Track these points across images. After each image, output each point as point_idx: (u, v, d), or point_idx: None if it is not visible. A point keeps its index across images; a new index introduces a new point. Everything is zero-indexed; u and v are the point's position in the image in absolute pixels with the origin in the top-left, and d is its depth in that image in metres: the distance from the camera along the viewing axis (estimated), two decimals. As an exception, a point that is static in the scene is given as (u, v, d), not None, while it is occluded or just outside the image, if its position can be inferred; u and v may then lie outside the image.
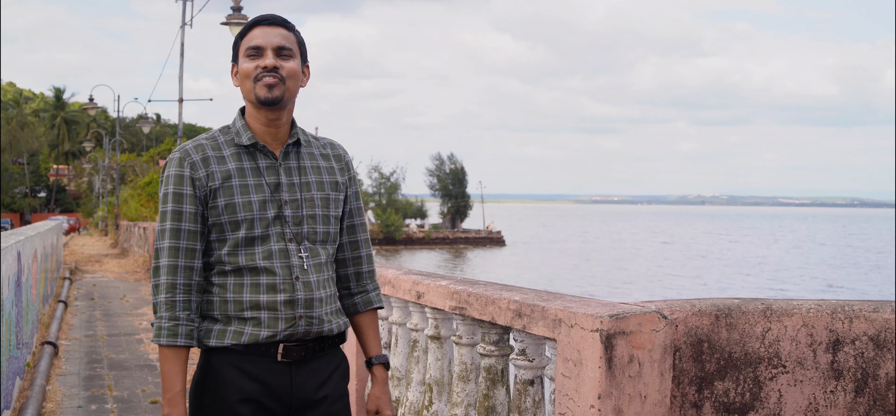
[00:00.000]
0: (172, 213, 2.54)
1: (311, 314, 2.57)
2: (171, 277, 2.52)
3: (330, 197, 2.68)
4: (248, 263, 2.54)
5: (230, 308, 2.55)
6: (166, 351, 2.52)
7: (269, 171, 2.60)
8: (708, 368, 3.25)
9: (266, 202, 2.56)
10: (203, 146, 2.60)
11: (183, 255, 2.53)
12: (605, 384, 2.96)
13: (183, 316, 2.52)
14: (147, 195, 35.68)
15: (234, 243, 2.54)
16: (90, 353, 10.28)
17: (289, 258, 2.56)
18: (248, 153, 2.60)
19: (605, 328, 2.95)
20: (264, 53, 2.56)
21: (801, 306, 3.35)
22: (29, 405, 6.84)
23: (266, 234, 2.55)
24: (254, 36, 2.58)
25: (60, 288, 17.48)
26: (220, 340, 2.55)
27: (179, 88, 22.13)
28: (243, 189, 2.55)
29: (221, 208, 2.54)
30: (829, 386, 3.34)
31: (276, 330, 2.54)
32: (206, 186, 2.55)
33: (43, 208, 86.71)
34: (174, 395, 2.51)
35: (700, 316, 3.23)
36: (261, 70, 2.54)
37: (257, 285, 2.54)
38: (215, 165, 2.56)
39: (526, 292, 3.65)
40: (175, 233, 2.53)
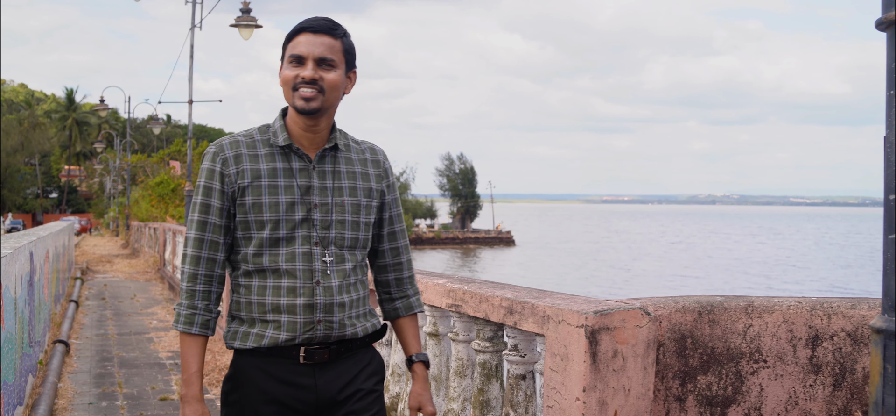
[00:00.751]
0: (201, 205, 2.59)
1: (331, 319, 2.58)
2: (193, 267, 2.59)
3: (361, 204, 2.67)
4: (271, 264, 2.56)
5: (254, 310, 2.58)
6: (184, 337, 2.61)
7: (301, 173, 2.60)
8: (691, 362, 3.38)
9: (294, 204, 2.57)
10: (238, 143, 2.61)
11: (206, 247, 2.58)
12: (589, 378, 3.09)
13: (200, 306, 2.59)
14: (157, 196, 35.90)
15: (259, 242, 2.56)
16: (101, 351, 10.45)
17: (311, 262, 2.57)
18: (282, 154, 2.60)
19: (589, 324, 3.09)
20: (305, 63, 2.55)
21: (782, 302, 3.47)
22: (41, 401, 7.01)
23: (292, 236, 2.56)
24: (298, 43, 2.57)
25: (72, 288, 17.68)
26: (244, 342, 2.59)
27: (189, 90, 22.31)
28: (272, 190, 2.56)
29: (249, 206, 2.56)
30: (809, 380, 3.47)
31: (295, 333, 2.56)
32: (235, 183, 2.57)
33: (55, 209, 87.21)
34: (190, 375, 2.59)
35: (683, 313, 3.36)
36: (300, 80, 2.54)
37: (278, 287, 2.56)
38: (247, 163, 2.58)
39: (518, 289, 3.79)
40: (201, 225, 2.58)
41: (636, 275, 52.10)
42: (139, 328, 12.55)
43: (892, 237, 2.68)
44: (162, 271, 21.21)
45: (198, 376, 2.59)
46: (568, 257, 69.32)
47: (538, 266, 60.74)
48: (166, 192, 35.64)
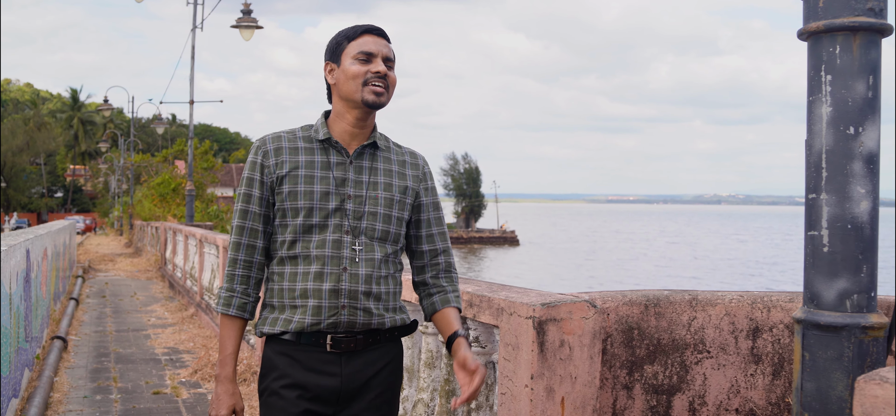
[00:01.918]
0: (243, 195, 2.73)
1: (356, 305, 2.65)
2: (233, 252, 2.74)
3: (395, 199, 2.76)
4: (304, 251, 2.67)
5: (285, 296, 2.69)
6: (222, 318, 2.77)
7: (338, 167, 2.71)
8: (638, 353, 3.58)
9: (329, 194, 2.68)
10: (280, 137, 2.75)
11: (247, 234, 2.73)
12: (537, 366, 3.29)
13: (238, 289, 2.73)
14: (159, 195, 36.14)
15: (294, 229, 2.67)
16: (98, 347, 10.67)
17: (340, 249, 2.66)
18: (322, 148, 2.73)
19: (537, 316, 3.29)
20: (376, 60, 2.69)
21: (725, 296, 3.67)
22: (36, 394, 7.23)
23: (324, 224, 2.67)
24: (366, 42, 2.71)
25: (73, 286, 17.92)
26: (272, 327, 2.70)
27: (190, 90, 22.54)
28: (308, 179, 2.68)
29: (286, 194, 2.68)
30: (750, 370, 3.66)
31: (320, 318, 2.64)
32: (274, 173, 2.70)
33: (60, 208, 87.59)
34: (226, 356, 2.73)
35: (630, 306, 3.56)
36: (372, 75, 2.67)
37: (307, 273, 2.66)
38: (287, 155, 2.71)
39: (479, 284, 3.99)
40: (243, 214, 2.73)
41: (630, 274, 52.31)
42: (137, 325, 12.77)
43: (812, 234, 2.88)
44: (163, 269, 21.44)
45: (232, 357, 2.73)
46: (567, 257, 69.52)
47: (538, 265, 60.96)
48: (167, 191, 35.87)
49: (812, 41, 2.87)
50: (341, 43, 2.73)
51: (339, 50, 2.73)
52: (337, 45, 2.74)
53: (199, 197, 35.08)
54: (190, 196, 22.73)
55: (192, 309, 13.81)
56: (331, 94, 2.80)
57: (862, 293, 2.79)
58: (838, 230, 2.80)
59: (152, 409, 7.41)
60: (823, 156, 2.83)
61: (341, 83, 2.71)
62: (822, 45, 2.82)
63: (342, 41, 2.73)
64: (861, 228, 2.80)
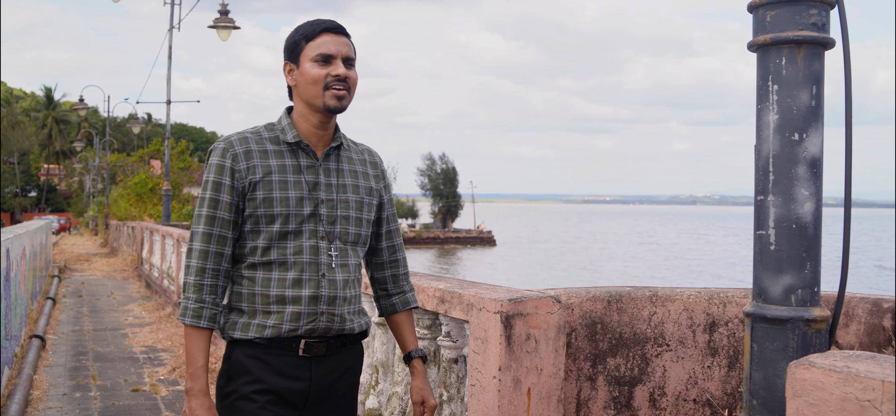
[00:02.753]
0: (210, 200, 2.62)
1: (333, 311, 2.65)
2: (201, 261, 2.61)
3: (364, 201, 2.76)
4: (280, 257, 2.61)
5: (257, 301, 2.63)
6: (190, 330, 2.62)
7: (308, 170, 2.66)
8: (601, 346, 3.77)
9: (303, 199, 2.63)
10: (247, 139, 2.66)
11: (215, 241, 2.61)
12: (505, 358, 3.47)
13: (208, 300, 2.61)
14: (136, 195, 36.08)
15: (269, 236, 2.61)
16: (76, 346, 10.76)
17: (318, 255, 2.63)
18: (290, 151, 2.67)
19: (504, 311, 3.47)
20: (335, 62, 2.62)
21: (683, 292, 3.87)
22: (17, 391, 7.33)
23: (299, 230, 2.62)
24: (324, 43, 2.62)
25: (49, 285, 17.93)
26: (244, 332, 2.63)
27: (167, 90, 22.59)
28: (282, 185, 2.62)
29: (259, 200, 2.60)
30: (707, 362, 3.87)
31: (298, 324, 2.62)
32: (246, 178, 2.61)
33: (34, 208, 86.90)
34: (196, 369, 2.61)
35: (594, 301, 3.75)
36: (332, 79, 2.60)
37: (284, 279, 2.61)
38: (257, 159, 2.63)
39: (451, 281, 4.16)
40: (210, 220, 2.61)
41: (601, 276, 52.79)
42: (115, 325, 12.84)
43: (760, 234, 3.08)
44: (139, 269, 21.46)
45: (204, 370, 2.63)
46: (540, 257, 69.97)
47: (513, 265, 61.29)
48: (144, 191, 35.81)
49: (760, 53, 3.07)
50: (299, 43, 2.66)
51: (298, 50, 2.66)
52: (295, 45, 2.67)
53: (176, 197, 35.05)
54: (166, 196, 22.77)
55: (169, 309, 13.90)
56: (291, 92, 2.75)
57: (806, 288, 2.99)
58: (784, 230, 3.00)
59: (132, 406, 7.53)
60: (770, 160, 3.03)
61: (302, 86, 2.65)
62: (770, 56, 3.02)
63: (300, 41, 2.66)
64: (805, 227, 3.00)
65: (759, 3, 3.05)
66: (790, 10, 2.98)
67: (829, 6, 3.03)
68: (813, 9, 2.98)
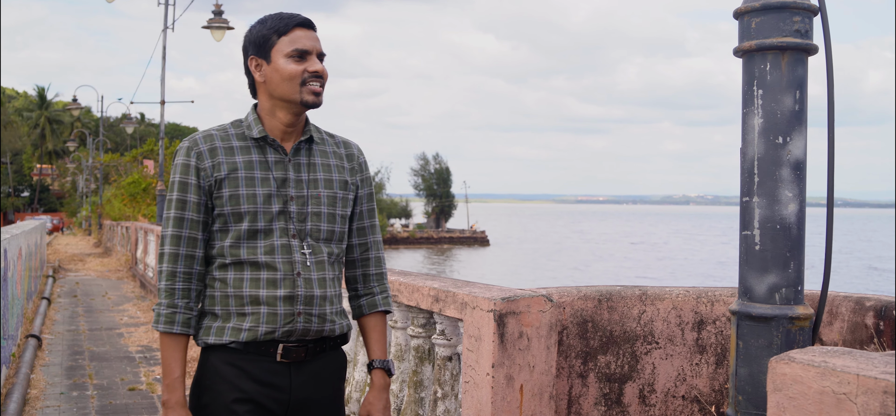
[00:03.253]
0: (177, 202, 2.53)
1: (311, 311, 2.55)
2: (171, 265, 2.52)
3: (337, 196, 2.65)
4: (250, 256, 2.52)
5: (230, 303, 2.53)
6: (165, 338, 2.53)
7: (277, 165, 2.57)
8: (592, 344, 3.86)
9: (271, 196, 2.54)
10: (212, 136, 2.58)
11: (184, 243, 2.53)
12: (498, 355, 3.56)
13: (181, 304, 2.52)
14: (129, 195, 36.09)
15: (237, 235, 2.52)
16: (72, 346, 10.83)
17: (291, 254, 2.54)
18: (257, 147, 2.58)
19: (498, 309, 3.55)
20: (311, 58, 2.55)
21: (672, 291, 3.96)
22: (15, 390, 7.40)
23: (269, 228, 2.53)
24: (299, 38, 2.55)
25: (44, 286, 17.98)
26: (218, 337, 2.53)
27: (161, 90, 22.62)
28: (249, 181, 2.53)
29: (226, 198, 2.52)
30: (695, 359, 3.96)
31: (275, 326, 2.51)
32: (212, 176, 2.53)
33: (27, 208, 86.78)
34: (173, 380, 2.52)
35: (585, 300, 3.84)
36: (310, 75, 2.53)
37: (257, 279, 2.52)
38: (222, 156, 2.54)
39: (445, 280, 4.25)
40: (178, 222, 2.53)
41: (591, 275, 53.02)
42: (110, 324, 12.91)
43: (746, 234, 3.17)
44: (134, 269, 21.50)
45: (181, 381, 2.54)
46: (535, 256, 70.17)
47: (507, 264, 61.45)
48: (138, 191, 35.84)
49: (746, 59, 3.16)
50: (270, 38, 2.56)
51: (268, 45, 2.56)
52: (264, 39, 2.57)
53: (170, 197, 34.94)
54: (161, 196, 22.80)
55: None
56: (254, 87, 2.64)
57: (790, 287, 3.08)
58: (769, 230, 3.09)
59: (129, 405, 7.60)
60: (755, 163, 3.13)
61: (274, 82, 2.55)
62: (755, 62, 3.12)
63: (271, 36, 2.55)
64: (789, 228, 3.09)
65: (745, 10, 3.15)
66: (774, 18, 3.08)
67: (813, 13, 3.12)
68: (796, 16, 3.07)
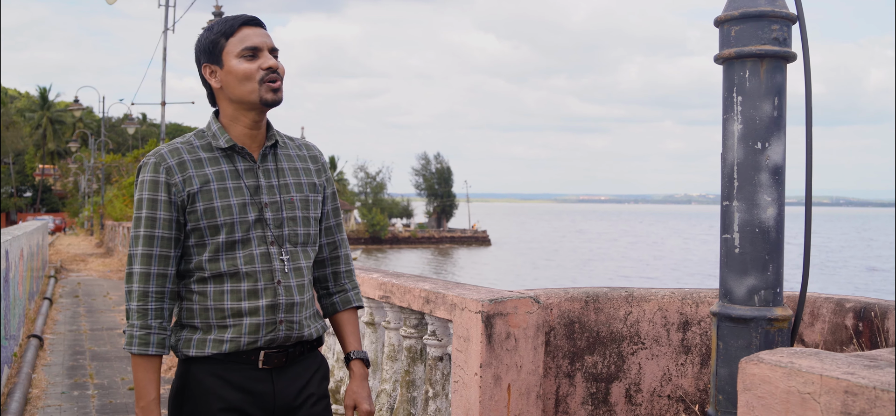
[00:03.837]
0: (146, 219, 2.47)
1: (292, 319, 2.55)
2: (143, 284, 2.47)
3: (309, 198, 2.64)
4: (230, 268, 2.49)
5: (211, 316, 2.50)
6: (138, 359, 2.47)
7: (247, 173, 2.54)
8: (579, 344, 3.94)
9: (246, 205, 2.51)
10: (179, 150, 2.52)
11: (156, 262, 2.47)
12: (485, 356, 3.64)
13: (154, 324, 2.47)
14: (130, 196, 36.24)
15: (215, 247, 2.48)
16: (73, 346, 10.92)
17: (271, 262, 2.52)
18: (226, 157, 2.53)
19: (485, 311, 3.64)
20: (263, 54, 2.50)
21: (658, 292, 4.04)
22: (16, 389, 7.49)
23: (247, 238, 2.50)
24: (247, 35, 2.50)
25: (46, 286, 18.08)
26: (200, 349, 2.50)
27: (162, 92, 22.71)
28: (222, 193, 2.49)
29: (200, 212, 2.47)
30: (680, 360, 4.04)
31: (257, 336, 2.50)
32: (184, 191, 2.47)
33: (29, 208, 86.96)
34: (148, 403, 2.47)
35: (572, 301, 3.92)
36: (265, 71, 2.48)
37: (238, 291, 2.49)
38: (192, 170, 2.49)
39: (436, 282, 4.33)
40: (148, 240, 2.47)
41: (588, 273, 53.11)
42: (111, 324, 13.00)
43: (726, 237, 3.25)
44: (135, 269, 21.60)
45: (157, 403, 2.49)
46: (536, 256, 70.30)
47: (504, 265, 61.54)
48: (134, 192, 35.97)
49: (726, 66, 3.24)
50: (218, 42, 2.50)
51: (218, 50, 2.50)
52: (213, 44, 2.51)
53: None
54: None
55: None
56: (213, 96, 2.60)
57: (769, 289, 3.16)
58: (748, 234, 3.17)
59: (129, 404, 7.69)
60: (735, 168, 3.20)
61: (231, 86, 2.50)
62: (734, 69, 3.20)
63: (219, 40, 2.50)
64: (768, 231, 3.17)
65: (725, 19, 3.23)
66: (753, 26, 3.16)
67: (791, 22, 3.20)
68: (775, 24, 3.15)
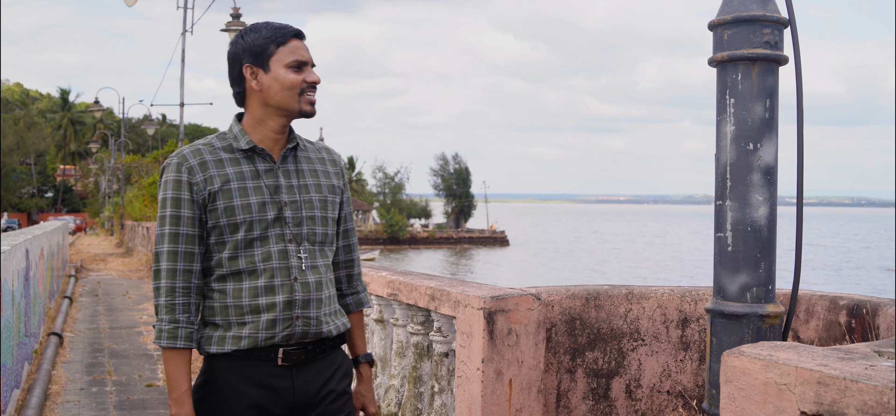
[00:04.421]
0: (171, 217, 2.56)
1: (309, 315, 2.60)
2: (170, 280, 2.55)
3: (328, 199, 2.71)
4: (248, 265, 2.57)
5: (230, 313, 2.58)
6: (169, 353, 2.57)
7: (267, 174, 2.62)
8: (580, 341, 4.04)
9: (265, 204, 2.58)
10: (200, 151, 2.60)
11: (181, 258, 2.56)
12: (487, 351, 3.74)
13: (182, 319, 2.55)
14: (150, 196, 36.55)
15: (234, 245, 2.56)
16: (93, 343, 11.10)
17: (288, 259, 2.59)
18: (246, 158, 2.62)
19: (487, 307, 3.74)
20: (308, 69, 2.62)
21: (657, 290, 4.13)
22: (36, 385, 7.66)
23: (265, 235, 2.57)
24: (298, 48, 2.61)
25: (66, 285, 18.32)
26: (220, 346, 2.57)
27: (180, 93, 22.95)
28: (242, 192, 2.57)
29: (221, 210, 2.55)
30: (679, 356, 4.13)
31: (274, 332, 2.57)
32: (205, 190, 2.56)
33: (50, 208, 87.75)
34: (180, 395, 2.56)
35: (573, 299, 4.02)
36: (308, 85, 2.61)
37: (256, 287, 2.57)
38: (213, 170, 2.58)
39: (441, 279, 4.44)
40: (173, 237, 2.56)
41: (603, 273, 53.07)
42: (130, 323, 13.18)
43: (719, 236, 3.34)
44: (154, 269, 21.82)
45: (188, 394, 2.58)
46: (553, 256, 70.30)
47: (521, 265, 61.58)
48: (157, 192, 36.31)
49: (719, 69, 3.33)
50: (267, 47, 2.60)
51: (267, 54, 2.60)
52: (262, 49, 2.61)
53: (190, 197, 35.37)
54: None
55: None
56: (243, 97, 2.68)
57: (760, 287, 3.25)
58: (740, 232, 3.26)
59: (146, 400, 7.84)
60: (728, 168, 3.29)
61: (273, 91, 2.60)
62: (727, 72, 3.28)
63: (268, 46, 2.60)
64: (760, 230, 3.26)
65: (718, 23, 3.32)
66: (745, 30, 3.24)
67: (783, 26, 3.29)
68: (766, 28, 3.23)
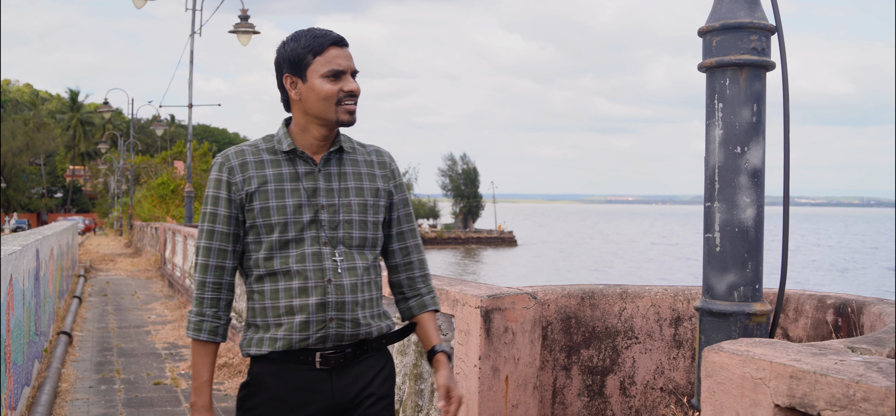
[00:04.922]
0: (209, 215, 2.63)
1: (343, 317, 2.59)
2: (202, 275, 2.63)
3: (368, 203, 2.68)
4: (282, 267, 2.58)
5: (268, 314, 2.60)
6: (194, 344, 2.66)
7: (307, 176, 2.62)
8: (575, 339, 4.14)
9: (302, 206, 2.60)
10: (243, 152, 2.65)
11: (214, 255, 2.62)
12: (484, 348, 3.85)
13: (208, 313, 2.62)
14: (158, 196, 36.77)
15: (269, 246, 2.59)
16: (101, 342, 11.24)
17: (322, 261, 2.59)
18: (287, 160, 2.64)
19: (484, 306, 3.84)
20: (346, 77, 2.60)
21: (651, 289, 4.23)
22: (46, 383, 7.80)
23: (300, 237, 2.58)
24: (334, 57, 2.59)
25: (75, 285, 18.48)
26: (259, 348, 2.61)
27: (189, 94, 23.11)
28: (279, 193, 2.60)
29: (257, 211, 2.59)
30: (672, 354, 4.23)
31: (308, 333, 2.57)
32: (243, 190, 2.60)
33: (59, 209, 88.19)
34: (201, 384, 2.63)
35: (568, 298, 4.12)
36: (346, 95, 2.58)
37: (290, 289, 2.58)
38: (253, 170, 2.61)
39: (441, 279, 4.54)
40: (209, 234, 2.62)
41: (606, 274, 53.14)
42: (138, 322, 13.33)
43: (707, 236, 3.44)
44: (162, 269, 21.99)
45: (208, 385, 2.65)
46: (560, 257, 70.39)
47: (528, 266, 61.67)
48: (166, 192, 36.48)
49: (708, 74, 3.43)
50: (305, 57, 2.60)
51: (304, 65, 2.60)
52: (300, 58, 2.61)
53: (198, 198, 35.65)
54: (189, 197, 23.28)
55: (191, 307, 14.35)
56: (288, 102, 2.69)
57: (748, 286, 3.35)
58: (728, 233, 3.36)
59: (154, 398, 7.97)
60: (716, 171, 3.39)
61: (310, 101, 2.60)
62: (715, 77, 3.39)
63: (306, 56, 2.59)
64: (747, 231, 3.36)
65: (707, 29, 3.42)
66: (733, 37, 3.35)
67: (770, 32, 3.39)
68: (754, 35, 3.34)
